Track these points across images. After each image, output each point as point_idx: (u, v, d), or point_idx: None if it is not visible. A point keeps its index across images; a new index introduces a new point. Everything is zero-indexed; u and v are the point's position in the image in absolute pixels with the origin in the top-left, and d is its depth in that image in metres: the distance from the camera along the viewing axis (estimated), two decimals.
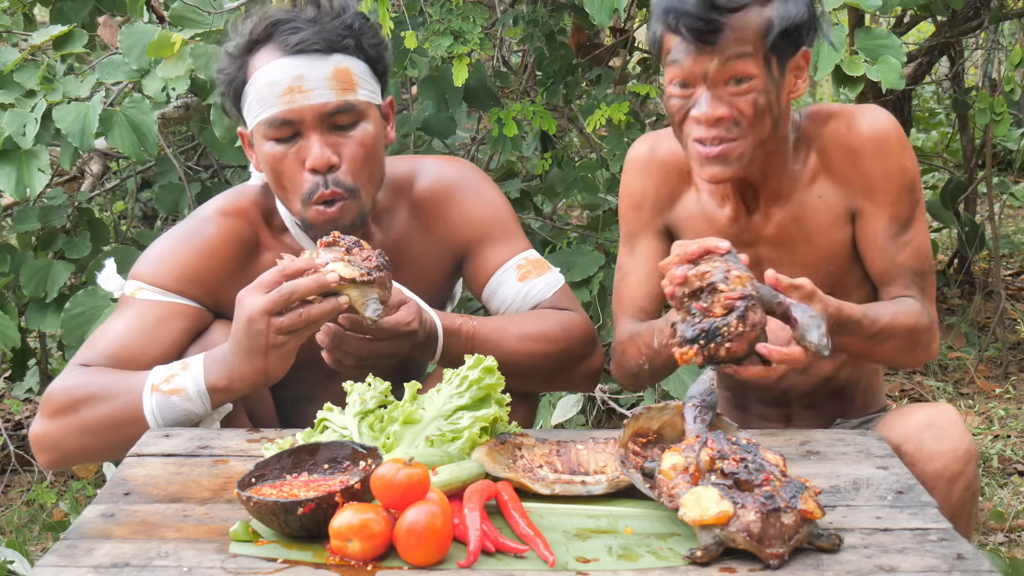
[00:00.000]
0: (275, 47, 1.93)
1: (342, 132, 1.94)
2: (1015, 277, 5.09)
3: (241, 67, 1.96)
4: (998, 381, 4.04)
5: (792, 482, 1.43)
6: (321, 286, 1.73)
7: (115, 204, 4.49)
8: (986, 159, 4.27)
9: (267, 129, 1.93)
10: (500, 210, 2.19)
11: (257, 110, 1.94)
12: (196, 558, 1.42)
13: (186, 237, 2.03)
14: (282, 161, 1.94)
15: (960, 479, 1.81)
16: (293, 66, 1.91)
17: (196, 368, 1.84)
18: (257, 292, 1.75)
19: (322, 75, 1.92)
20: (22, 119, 2.85)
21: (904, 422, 1.88)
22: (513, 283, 2.11)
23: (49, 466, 1.94)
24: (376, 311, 1.76)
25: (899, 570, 1.37)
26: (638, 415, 1.66)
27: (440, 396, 1.71)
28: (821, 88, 9.80)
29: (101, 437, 1.87)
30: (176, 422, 1.86)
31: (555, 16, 3.60)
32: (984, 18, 4.18)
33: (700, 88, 1.86)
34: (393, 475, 1.43)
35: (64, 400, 1.88)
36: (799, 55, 1.91)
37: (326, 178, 1.92)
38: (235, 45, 1.97)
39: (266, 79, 1.92)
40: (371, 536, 1.39)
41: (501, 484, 1.57)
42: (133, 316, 1.96)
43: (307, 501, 1.44)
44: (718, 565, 1.39)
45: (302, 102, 1.91)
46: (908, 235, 1.99)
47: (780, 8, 1.85)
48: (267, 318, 1.73)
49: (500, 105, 3.43)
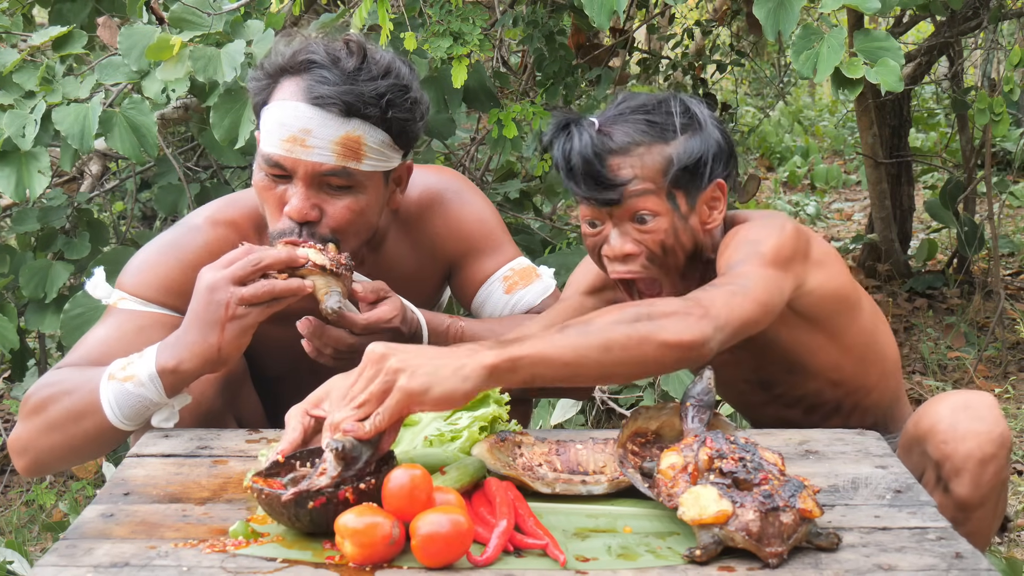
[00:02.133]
0: (299, 87, 1.88)
1: (333, 191, 1.90)
2: (1014, 277, 5.09)
3: (267, 87, 1.93)
4: (997, 381, 4.04)
5: (791, 481, 1.43)
6: (290, 259, 1.72)
7: (114, 205, 4.50)
8: (985, 159, 4.28)
9: (262, 161, 1.92)
10: (486, 220, 2.18)
11: (263, 137, 1.92)
12: (196, 558, 1.42)
13: (171, 247, 2.01)
14: (267, 192, 1.92)
15: (992, 462, 1.79)
16: (306, 117, 1.86)
17: (149, 353, 1.81)
18: (220, 266, 1.74)
19: (329, 137, 1.86)
20: (21, 120, 2.85)
21: (940, 403, 1.87)
22: (500, 296, 2.11)
23: (25, 472, 1.91)
24: (337, 303, 1.76)
25: (898, 569, 1.37)
26: (636, 415, 1.67)
27: None
28: (821, 88, 9.81)
29: (64, 431, 1.84)
30: (133, 410, 1.81)
31: (554, 17, 3.61)
32: (983, 18, 4.18)
33: (608, 225, 1.93)
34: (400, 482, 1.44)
35: (37, 400, 1.87)
36: (712, 187, 1.94)
37: (301, 228, 1.89)
38: (271, 62, 1.93)
39: (277, 117, 1.88)
40: (363, 544, 1.39)
41: (505, 484, 1.57)
42: (113, 325, 1.96)
43: (317, 495, 1.44)
44: (717, 564, 1.39)
45: (300, 155, 1.86)
46: (748, 272, 1.84)
47: (683, 145, 1.91)
48: (230, 286, 1.72)
49: (500, 106, 3.44)
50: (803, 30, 2.52)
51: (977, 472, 1.79)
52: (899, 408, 2.19)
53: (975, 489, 1.78)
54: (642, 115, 1.92)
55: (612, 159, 1.90)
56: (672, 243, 1.92)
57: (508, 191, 4.14)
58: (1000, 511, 1.89)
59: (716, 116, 1.99)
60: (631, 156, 1.90)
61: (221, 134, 2.89)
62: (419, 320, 1.98)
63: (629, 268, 1.93)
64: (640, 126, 1.91)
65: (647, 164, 1.90)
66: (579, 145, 1.90)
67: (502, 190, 4.14)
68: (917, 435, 1.88)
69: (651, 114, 1.93)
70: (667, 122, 1.92)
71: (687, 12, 7.16)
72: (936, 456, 1.82)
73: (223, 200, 2.11)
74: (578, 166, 1.89)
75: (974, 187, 4.73)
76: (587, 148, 1.89)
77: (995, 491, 1.82)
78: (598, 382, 1.71)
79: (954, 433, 1.81)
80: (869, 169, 4.74)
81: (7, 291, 3.47)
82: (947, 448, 1.80)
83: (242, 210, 2.06)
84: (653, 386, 3.41)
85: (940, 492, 1.81)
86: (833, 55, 2.45)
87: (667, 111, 1.93)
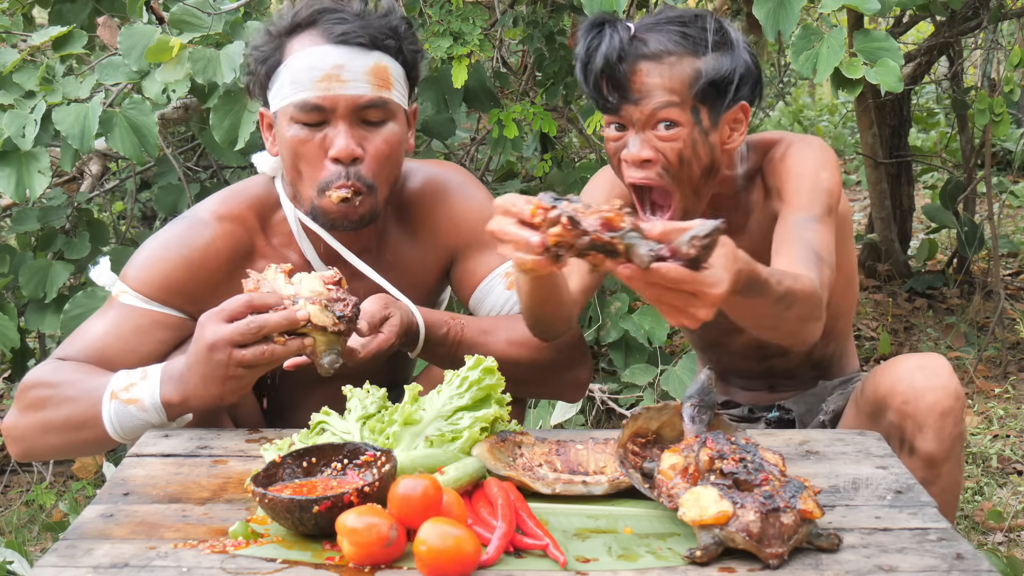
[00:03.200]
0: (318, 33, 1.93)
1: (370, 127, 1.94)
2: (1014, 277, 5.09)
3: (278, 48, 1.96)
4: (997, 381, 4.04)
5: (791, 482, 1.43)
6: (291, 324, 1.70)
7: (114, 205, 4.50)
8: (985, 159, 4.28)
9: (296, 112, 1.92)
10: (488, 214, 2.17)
11: (289, 92, 1.93)
12: (195, 558, 1.42)
13: (177, 243, 2.00)
14: (305, 145, 1.93)
15: (951, 415, 1.89)
16: (335, 55, 1.91)
17: (153, 380, 1.83)
18: (220, 319, 1.72)
19: (362, 68, 1.92)
20: (21, 120, 2.85)
21: (896, 366, 1.96)
22: (500, 292, 2.10)
23: (19, 457, 1.96)
24: (333, 364, 1.74)
25: (898, 570, 1.37)
26: (637, 415, 1.67)
27: (440, 397, 1.71)
28: (821, 88, 9.82)
29: (62, 437, 1.88)
30: (133, 429, 1.85)
31: (554, 17, 3.61)
32: (983, 18, 4.18)
33: (631, 132, 1.94)
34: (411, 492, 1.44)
35: (35, 396, 1.89)
36: (736, 108, 1.97)
37: (348, 170, 1.92)
38: (276, 25, 1.97)
39: (304, 63, 1.91)
40: (359, 543, 1.38)
41: (505, 484, 1.57)
42: (114, 319, 1.97)
43: (322, 499, 1.44)
44: (717, 565, 1.39)
45: (338, 91, 1.90)
46: (815, 225, 1.97)
47: (713, 61, 1.93)
48: (230, 349, 1.70)
49: (500, 106, 3.44)
50: (803, 30, 2.52)
51: (939, 425, 1.88)
52: (849, 345, 2.34)
53: (939, 443, 1.88)
54: (677, 26, 1.94)
55: (642, 64, 1.91)
56: (689, 155, 1.94)
57: (508, 192, 4.14)
58: (961, 468, 1.99)
59: (748, 40, 2.01)
60: (661, 64, 1.91)
61: (221, 135, 2.88)
62: (418, 320, 1.98)
63: (645, 174, 1.94)
64: (674, 36, 1.93)
65: (675, 74, 1.91)
66: (608, 47, 1.90)
67: (502, 190, 4.14)
68: (876, 400, 1.96)
69: (686, 27, 1.94)
70: (700, 37, 1.94)
71: None
72: (897, 418, 1.91)
73: (227, 192, 2.10)
74: (605, 66, 1.90)
75: (974, 187, 4.73)
76: (616, 50, 1.90)
77: (957, 444, 1.92)
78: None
79: (913, 392, 1.90)
80: (869, 169, 4.74)
81: (7, 291, 3.47)
82: (908, 407, 1.89)
83: (247, 202, 2.05)
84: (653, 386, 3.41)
85: (906, 455, 1.90)
86: (833, 55, 2.45)
87: (702, 27, 1.95)
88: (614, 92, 1.92)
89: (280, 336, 1.71)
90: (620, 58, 1.90)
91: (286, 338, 1.72)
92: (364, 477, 1.56)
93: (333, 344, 1.74)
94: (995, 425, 3.69)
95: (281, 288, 1.76)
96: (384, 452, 1.57)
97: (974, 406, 3.82)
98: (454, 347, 2.00)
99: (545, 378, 2.07)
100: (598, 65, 1.91)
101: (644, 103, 1.91)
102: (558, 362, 2.06)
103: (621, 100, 1.92)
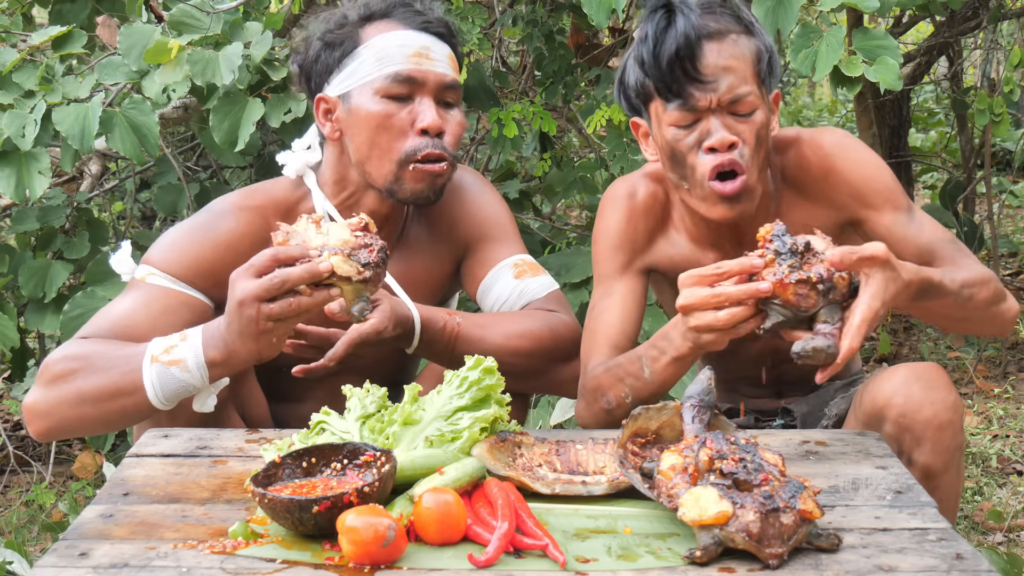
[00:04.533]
0: (398, 21, 2.05)
1: (445, 108, 2.06)
2: (1014, 277, 5.09)
3: (352, 33, 2.04)
4: (997, 381, 4.04)
5: (791, 482, 1.43)
6: (313, 276, 1.70)
7: (114, 204, 4.50)
8: (985, 159, 4.28)
9: (388, 84, 2.01)
10: (500, 213, 2.23)
11: (374, 68, 2.01)
12: (195, 558, 1.42)
13: (203, 228, 2.03)
14: (392, 119, 2.01)
15: (949, 428, 1.84)
16: (421, 38, 2.04)
17: (195, 340, 1.81)
18: (248, 275, 1.73)
19: (443, 53, 2.07)
20: (21, 120, 2.85)
21: (892, 377, 1.89)
22: (509, 280, 2.13)
23: (41, 435, 1.90)
24: (364, 311, 1.74)
25: (898, 570, 1.37)
26: (637, 415, 1.67)
27: (440, 397, 1.71)
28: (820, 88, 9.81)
29: (98, 407, 1.84)
30: (174, 393, 1.82)
31: (554, 16, 3.61)
32: (983, 18, 4.18)
33: (706, 120, 1.88)
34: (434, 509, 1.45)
35: (63, 368, 1.86)
36: (775, 93, 1.96)
37: (435, 141, 2.01)
38: (353, 13, 2.07)
39: (394, 41, 2.02)
40: (356, 542, 1.39)
41: (505, 484, 1.57)
42: (140, 299, 1.96)
43: (322, 500, 1.44)
44: (717, 565, 1.39)
45: (428, 67, 2.03)
46: (917, 216, 2.00)
47: (761, 42, 1.91)
48: (257, 304, 1.71)
49: (499, 105, 3.44)
50: (802, 28, 2.52)
51: (937, 438, 1.83)
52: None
53: (937, 455, 1.82)
54: (721, 8, 1.90)
55: (710, 44, 1.86)
56: (764, 135, 1.91)
57: (508, 191, 4.14)
58: (961, 479, 1.94)
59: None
60: (726, 43, 1.87)
61: (221, 137, 2.88)
62: (413, 314, 1.99)
63: (731, 157, 1.87)
64: (726, 15, 1.89)
65: (743, 53, 1.88)
66: (684, 29, 1.84)
67: (502, 190, 4.14)
68: (874, 411, 1.89)
69: (730, 8, 1.91)
70: (744, 17, 1.91)
71: None
72: (895, 430, 1.84)
73: (249, 188, 2.14)
74: (680, 50, 1.84)
75: (974, 187, 4.73)
76: (692, 32, 1.84)
77: (955, 456, 1.87)
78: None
79: (910, 405, 1.84)
80: None
81: (6, 291, 3.47)
82: (905, 420, 1.83)
83: (266, 196, 2.09)
84: None
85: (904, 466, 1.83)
86: (832, 53, 2.45)
87: (733, 10, 1.91)
88: (687, 73, 1.85)
89: (307, 288, 1.72)
90: (692, 42, 1.83)
91: (312, 289, 1.72)
92: (364, 477, 1.56)
93: (361, 292, 1.74)
94: (995, 425, 3.69)
95: (312, 239, 1.75)
96: (384, 452, 1.57)
97: (974, 406, 3.81)
98: (451, 343, 2.02)
99: (544, 370, 2.08)
100: (670, 49, 1.84)
101: (722, 86, 1.85)
102: (556, 354, 2.08)
103: (696, 85, 1.85)
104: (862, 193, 1.99)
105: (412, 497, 1.52)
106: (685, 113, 1.89)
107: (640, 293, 2.09)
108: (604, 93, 3.58)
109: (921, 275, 1.73)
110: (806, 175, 2.02)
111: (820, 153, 2.00)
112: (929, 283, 1.75)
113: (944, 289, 1.78)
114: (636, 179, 2.12)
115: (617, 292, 2.08)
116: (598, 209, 2.17)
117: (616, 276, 2.09)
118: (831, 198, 2.01)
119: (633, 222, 2.09)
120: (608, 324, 2.05)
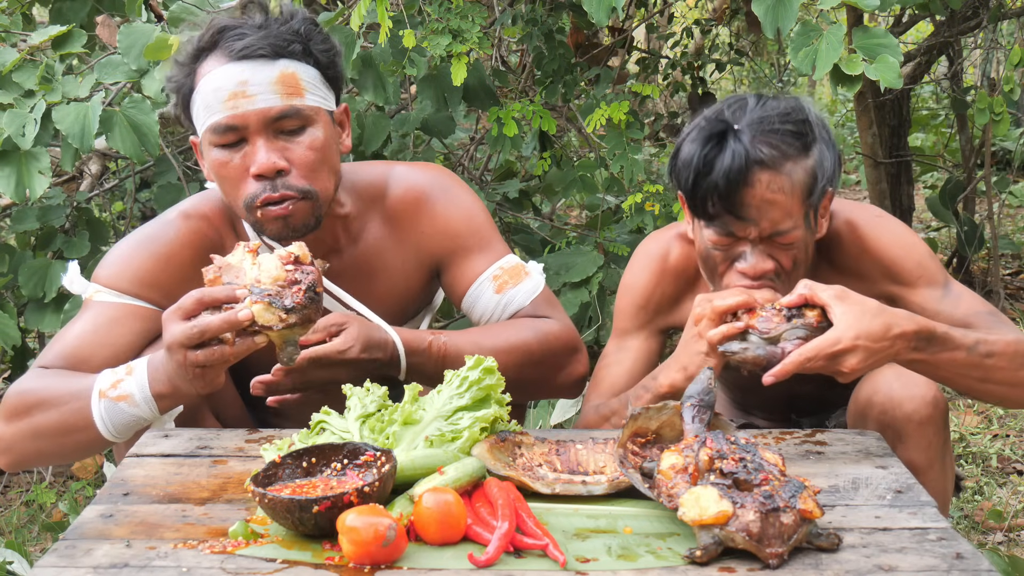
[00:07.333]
0: (221, 54, 1.91)
1: (290, 137, 1.92)
2: (1014, 276, 5.09)
3: (189, 75, 1.95)
4: None
5: (791, 481, 1.43)
6: (233, 326, 1.65)
7: (114, 204, 4.49)
8: (985, 159, 4.28)
9: (213, 135, 1.92)
10: (474, 217, 2.15)
11: (204, 117, 1.92)
12: (195, 558, 1.42)
13: (146, 240, 2.03)
14: (227, 167, 1.92)
15: (930, 423, 1.86)
16: (237, 71, 1.89)
17: (140, 374, 1.81)
18: (176, 318, 1.69)
19: (267, 80, 1.90)
20: (21, 120, 2.85)
21: (875, 377, 1.92)
22: (491, 296, 2.09)
23: (7, 467, 1.94)
24: (291, 356, 1.69)
25: (898, 569, 1.37)
26: (637, 415, 1.67)
27: (440, 397, 1.71)
28: (820, 88, 9.81)
29: (54, 442, 1.87)
30: (125, 427, 1.83)
31: (553, 15, 3.61)
32: (983, 18, 4.18)
33: (744, 244, 1.87)
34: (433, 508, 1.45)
35: (18, 404, 1.88)
36: (827, 197, 1.92)
37: (274, 183, 1.90)
38: (184, 53, 1.96)
39: (211, 85, 1.90)
40: (356, 542, 1.39)
41: (505, 484, 1.57)
42: (89, 320, 1.97)
43: (322, 499, 1.44)
44: (717, 565, 1.39)
45: (246, 107, 1.89)
46: (953, 291, 1.98)
47: (817, 156, 1.86)
48: (183, 351, 1.68)
49: (499, 104, 3.43)
50: (802, 27, 2.51)
51: (918, 434, 1.86)
52: None
53: (920, 452, 1.85)
54: (786, 124, 1.85)
55: (760, 175, 1.82)
56: (803, 258, 1.91)
57: (507, 191, 4.14)
58: (949, 474, 1.96)
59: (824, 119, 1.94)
60: (780, 175, 1.83)
61: None
62: (395, 341, 1.96)
63: (758, 284, 1.87)
64: (787, 137, 1.84)
65: (795, 186, 1.84)
66: (731, 164, 1.81)
67: (501, 190, 4.13)
68: (860, 409, 1.93)
69: (789, 119, 1.86)
70: (805, 131, 1.86)
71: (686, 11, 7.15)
72: (878, 428, 1.87)
73: (196, 196, 2.12)
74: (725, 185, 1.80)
75: (974, 187, 4.73)
76: (738, 169, 1.80)
77: (940, 452, 1.89)
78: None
79: (891, 402, 1.87)
80: (869, 169, 4.74)
81: (6, 290, 3.47)
82: (886, 417, 1.87)
83: (214, 204, 2.07)
84: None
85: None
86: (832, 52, 2.45)
87: (803, 118, 1.87)
88: (729, 208, 1.83)
89: (230, 336, 1.67)
90: (738, 178, 1.80)
91: (235, 337, 1.67)
92: (364, 477, 1.56)
93: (288, 337, 1.69)
94: (995, 425, 3.68)
95: (247, 271, 1.69)
96: (384, 452, 1.57)
97: (974, 406, 3.81)
98: (439, 363, 1.97)
99: (538, 380, 2.07)
100: (716, 183, 1.81)
101: (764, 222, 1.83)
102: (548, 364, 2.06)
103: (737, 217, 1.83)
104: (895, 271, 1.99)
105: (412, 497, 1.52)
106: (722, 237, 1.88)
107: (654, 352, 2.13)
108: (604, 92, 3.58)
109: (920, 323, 1.72)
110: (840, 252, 2.02)
111: (855, 231, 2.00)
112: (931, 333, 1.73)
113: (952, 342, 1.75)
114: (671, 239, 2.12)
115: (630, 349, 2.12)
116: (629, 261, 2.17)
117: (632, 333, 2.13)
118: (864, 274, 2.00)
119: (662, 286, 2.10)
120: (615, 376, 2.10)
